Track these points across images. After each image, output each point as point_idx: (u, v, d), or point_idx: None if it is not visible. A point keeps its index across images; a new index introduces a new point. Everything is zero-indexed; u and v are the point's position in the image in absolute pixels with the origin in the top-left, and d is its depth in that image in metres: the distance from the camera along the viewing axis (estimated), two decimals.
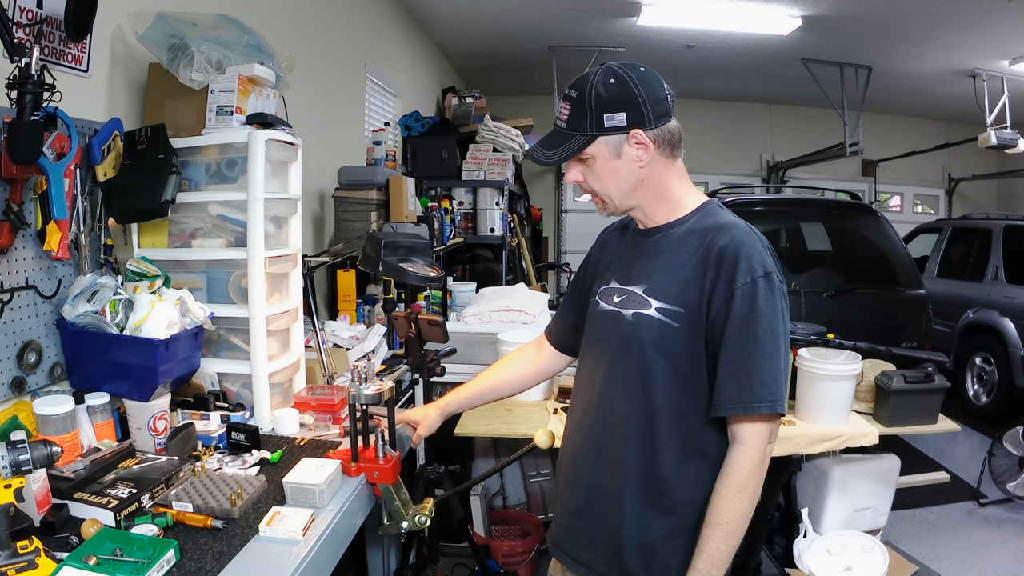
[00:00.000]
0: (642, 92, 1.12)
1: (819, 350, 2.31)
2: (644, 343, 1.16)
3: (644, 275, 1.20)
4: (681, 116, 1.20)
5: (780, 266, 1.13)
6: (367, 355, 2.55)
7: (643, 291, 1.18)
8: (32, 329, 1.50)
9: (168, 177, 1.68)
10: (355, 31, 3.99)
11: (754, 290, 1.07)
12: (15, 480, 1.04)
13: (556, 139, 1.17)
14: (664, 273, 1.17)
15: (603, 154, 1.15)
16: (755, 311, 1.07)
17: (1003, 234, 5.21)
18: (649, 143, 1.13)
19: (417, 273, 1.93)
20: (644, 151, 1.14)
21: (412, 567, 2.11)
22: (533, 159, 1.20)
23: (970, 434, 4.58)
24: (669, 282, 1.16)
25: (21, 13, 1.46)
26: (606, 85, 1.12)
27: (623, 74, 1.12)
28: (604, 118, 1.12)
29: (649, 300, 1.17)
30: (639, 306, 1.17)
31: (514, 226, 5.47)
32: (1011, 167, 8.55)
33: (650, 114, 1.12)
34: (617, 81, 1.12)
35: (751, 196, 4.80)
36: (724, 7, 4.93)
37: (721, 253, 1.10)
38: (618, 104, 1.12)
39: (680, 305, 1.13)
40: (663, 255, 1.19)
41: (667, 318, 1.14)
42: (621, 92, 1.12)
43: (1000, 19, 4.83)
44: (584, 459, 1.27)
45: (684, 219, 1.20)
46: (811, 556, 2.23)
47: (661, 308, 1.15)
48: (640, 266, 1.22)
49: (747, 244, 1.10)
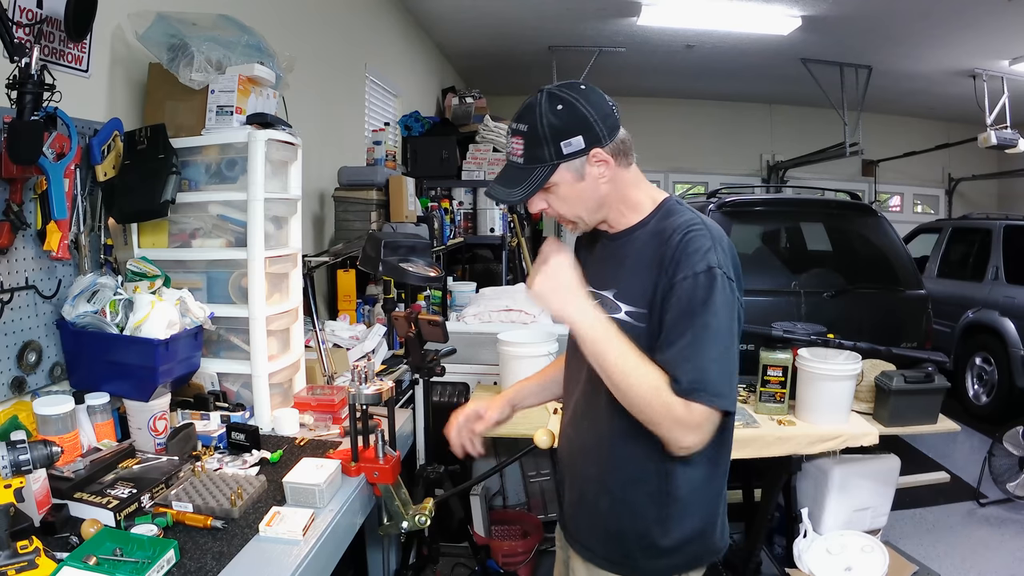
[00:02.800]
0: (591, 111, 1.13)
1: (819, 350, 2.31)
2: None
3: (612, 280, 1.23)
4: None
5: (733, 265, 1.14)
6: (367, 355, 2.55)
7: (613, 296, 1.21)
8: (32, 329, 1.50)
9: (168, 177, 1.68)
10: (355, 31, 3.99)
11: (694, 285, 1.09)
12: (15, 480, 1.04)
13: (515, 175, 1.17)
14: (629, 277, 1.20)
15: (567, 180, 1.16)
16: (693, 304, 1.09)
17: (1003, 234, 5.20)
18: (609, 158, 1.15)
19: (417, 273, 1.93)
20: (605, 167, 1.16)
21: (412, 567, 2.11)
22: (496, 200, 1.21)
23: (970, 434, 4.58)
24: (634, 285, 1.19)
25: (21, 13, 1.46)
26: (555, 112, 1.12)
27: (568, 97, 1.13)
28: (562, 145, 1.13)
29: (619, 304, 1.20)
30: (610, 310, 1.19)
31: (514, 226, 5.46)
32: (1011, 167, 8.54)
33: (603, 131, 1.14)
34: (565, 106, 1.13)
35: (751, 196, 4.79)
36: (724, 7, 4.93)
37: (672, 253, 1.13)
38: (572, 128, 1.12)
39: (643, 306, 1.17)
40: (629, 258, 1.22)
41: (635, 320, 1.17)
42: (572, 116, 1.13)
43: (1000, 19, 4.83)
44: (577, 453, 1.33)
45: (645, 221, 1.23)
46: (811, 556, 2.23)
47: (630, 312, 1.18)
48: (609, 271, 1.25)
49: (695, 241, 1.12)
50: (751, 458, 2.19)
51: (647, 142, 1.45)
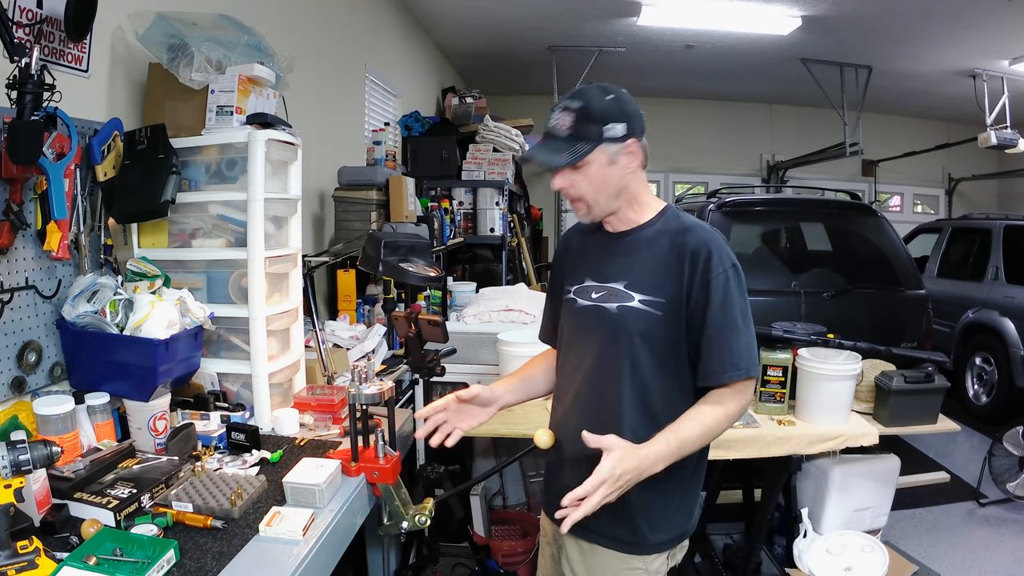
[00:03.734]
0: (634, 106, 1.28)
1: (819, 350, 2.31)
2: (632, 331, 1.29)
3: (622, 272, 1.33)
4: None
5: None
6: (367, 355, 2.55)
7: (624, 286, 1.32)
8: (32, 329, 1.50)
9: (168, 177, 1.68)
10: (355, 31, 3.99)
11: (726, 279, 1.25)
12: (15, 480, 1.05)
13: (557, 145, 1.26)
14: (642, 269, 1.31)
15: (600, 160, 1.26)
16: (729, 297, 1.25)
17: (1003, 234, 5.20)
18: (639, 152, 1.28)
19: (417, 273, 1.93)
20: (633, 160, 1.28)
21: (412, 567, 2.11)
22: (537, 162, 1.30)
23: (970, 434, 4.58)
24: (648, 277, 1.30)
25: (21, 13, 1.46)
26: (604, 100, 1.25)
27: (616, 91, 1.27)
28: (606, 128, 1.24)
29: (631, 294, 1.30)
30: (622, 300, 1.31)
31: (514, 226, 5.46)
32: (1011, 167, 8.54)
33: (640, 126, 1.28)
34: (615, 97, 1.26)
35: (751, 196, 4.79)
36: (724, 7, 4.93)
37: (696, 251, 1.27)
38: (618, 116, 1.25)
39: (661, 296, 1.28)
40: (638, 254, 1.32)
41: (651, 308, 1.28)
42: (619, 106, 1.26)
43: (1000, 19, 4.83)
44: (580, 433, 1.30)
45: (651, 222, 1.34)
46: (811, 556, 2.23)
47: (644, 300, 1.29)
48: (616, 265, 1.35)
49: (715, 242, 1.27)
50: (751, 458, 2.19)
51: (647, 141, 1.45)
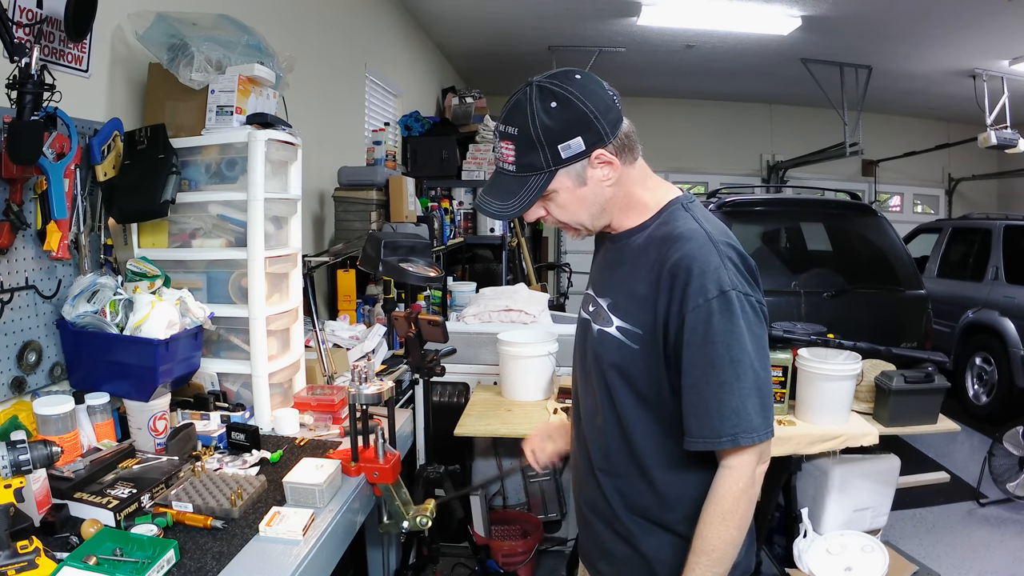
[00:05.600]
0: (589, 106, 0.99)
1: (819, 350, 2.31)
2: (604, 364, 1.10)
3: (609, 288, 1.14)
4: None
5: (747, 276, 1.02)
6: (367, 355, 2.55)
7: (607, 306, 1.12)
8: (32, 329, 1.50)
9: (168, 177, 1.68)
10: (355, 31, 3.99)
11: (708, 313, 0.97)
12: (15, 480, 1.04)
13: (507, 184, 1.03)
14: (624, 288, 1.10)
15: (566, 186, 1.03)
16: (709, 337, 0.97)
17: (1003, 234, 5.20)
18: (613, 158, 1.03)
19: (417, 273, 1.93)
20: (610, 168, 1.04)
21: (412, 567, 2.11)
22: (488, 214, 1.06)
23: (970, 434, 4.58)
24: (629, 300, 1.08)
25: (21, 13, 1.46)
26: (548, 111, 0.98)
27: (562, 92, 0.99)
28: (559, 149, 0.99)
29: (612, 317, 1.10)
30: (604, 322, 1.11)
31: (514, 226, 5.46)
32: (1011, 167, 8.54)
33: (605, 127, 1.00)
34: (559, 103, 0.98)
35: (751, 196, 4.79)
36: (724, 7, 4.92)
37: (673, 272, 1.00)
38: (569, 129, 0.99)
39: (638, 326, 1.05)
40: (625, 266, 1.11)
41: (626, 339, 1.07)
42: (568, 114, 0.98)
43: (1000, 19, 4.83)
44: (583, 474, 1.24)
45: (645, 224, 1.11)
46: (811, 556, 2.23)
47: (621, 327, 1.08)
48: (607, 277, 1.16)
49: (700, 260, 0.99)
50: None
51: (647, 142, 1.44)
